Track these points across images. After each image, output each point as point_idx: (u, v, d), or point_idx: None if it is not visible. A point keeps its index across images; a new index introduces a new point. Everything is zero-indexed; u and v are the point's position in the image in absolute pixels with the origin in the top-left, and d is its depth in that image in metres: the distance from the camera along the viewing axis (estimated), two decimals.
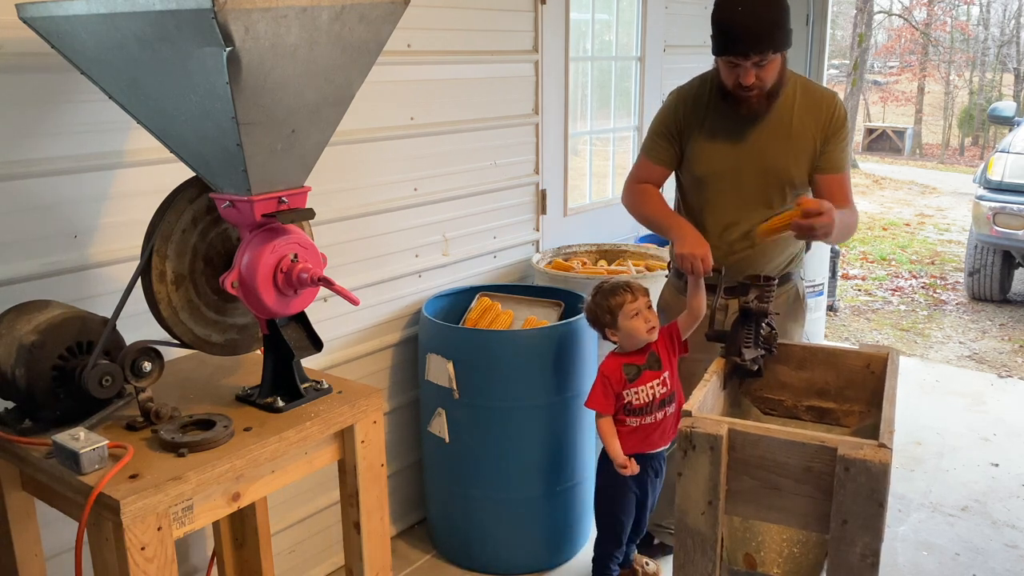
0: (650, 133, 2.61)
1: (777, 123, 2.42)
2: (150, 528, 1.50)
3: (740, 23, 2.21)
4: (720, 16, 2.27)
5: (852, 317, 6.49)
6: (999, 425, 4.20)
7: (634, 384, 2.47)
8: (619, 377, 2.47)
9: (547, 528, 2.91)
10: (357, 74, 1.73)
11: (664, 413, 2.52)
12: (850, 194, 2.50)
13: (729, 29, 2.24)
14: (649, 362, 2.49)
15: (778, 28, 2.23)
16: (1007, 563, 3.04)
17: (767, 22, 2.21)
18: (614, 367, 2.49)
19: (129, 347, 1.73)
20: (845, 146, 2.48)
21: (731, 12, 2.23)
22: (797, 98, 2.43)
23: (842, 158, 2.47)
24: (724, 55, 2.29)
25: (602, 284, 2.53)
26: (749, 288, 2.16)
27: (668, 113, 2.55)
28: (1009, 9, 20.99)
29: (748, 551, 2.10)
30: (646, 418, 2.50)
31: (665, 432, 2.55)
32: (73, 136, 2.02)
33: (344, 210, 2.74)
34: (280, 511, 2.67)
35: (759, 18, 2.21)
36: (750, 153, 2.44)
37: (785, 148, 2.43)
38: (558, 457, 2.86)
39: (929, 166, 16.80)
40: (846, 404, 2.24)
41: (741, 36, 2.22)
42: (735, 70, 2.28)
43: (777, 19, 2.23)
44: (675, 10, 4.34)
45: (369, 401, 1.89)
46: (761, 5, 2.22)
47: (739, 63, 2.26)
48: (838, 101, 2.47)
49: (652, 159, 2.60)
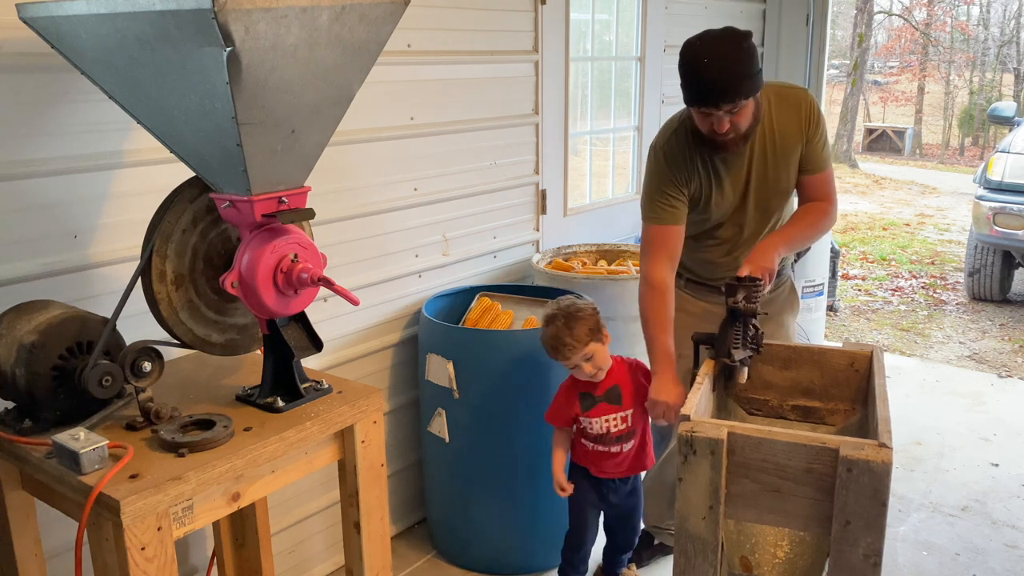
0: (649, 198, 2.44)
1: (763, 145, 2.40)
2: (150, 528, 1.50)
3: (708, 76, 2.16)
4: (687, 69, 2.22)
5: (852, 317, 6.49)
6: (999, 425, 4.20)
7: (587, 414, 2.47)
8: (574, 403, 2.49)
9: (547, 528, 2.90)
10: (357, 74, 1.73)
11: (620, 448, 2.50)
12: (833, 190, 2.49)
13: (698, 82, 2.20)
14: (608, 395, 2.47)
15: (747, 77, 2.18)
16: (1007, 563, 3.04)
17: (735, 73, 2.16)
18: (571, 391, 2.50)
19: (129, 347, 1.72)
20: (825, 141, 2.46)
21: (698, 65, 2.18)
22: (772, 111, 2.39)
23: (824, 156, 2.46)
24: (694, 105, 2.25)
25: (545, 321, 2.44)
26: (737, 288, 2.15)
27: (663, 172, 2.43)
28: (1009, 9, 20.99)
29: (743, 554, 2.10)
30: (599, 447, 2.50)
31: (619, 465, 2.53)
32: (73, 136, 2.02)
33: (344, 210, 2.74)
34: (280, 511, 2.67)
35: (727, 69, 2.15)
36: (749, 179, 2.43)
37: (776, 164, 2.42)
38: None
39: (929, 166, 16.80)
40: (831, 403, 2.24)
41: (711, 89, 2.17)
42: (708, 119, 2.25)
43: (745, 69, 2.17)
44: (675, 10, 4.34)
45: (369, 401, 1.89)
46: (729, 56, 2.16)
47: (711, 112, 2.23)
48: (809, 97, 2.44)
49: (666, 221, 2.42)
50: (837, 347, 2.27)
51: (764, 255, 2.27)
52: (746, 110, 2.24)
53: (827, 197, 2.46)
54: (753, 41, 2.21)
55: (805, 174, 2.44)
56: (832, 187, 2.48)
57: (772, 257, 2.27)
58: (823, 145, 2.45)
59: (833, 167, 2.54)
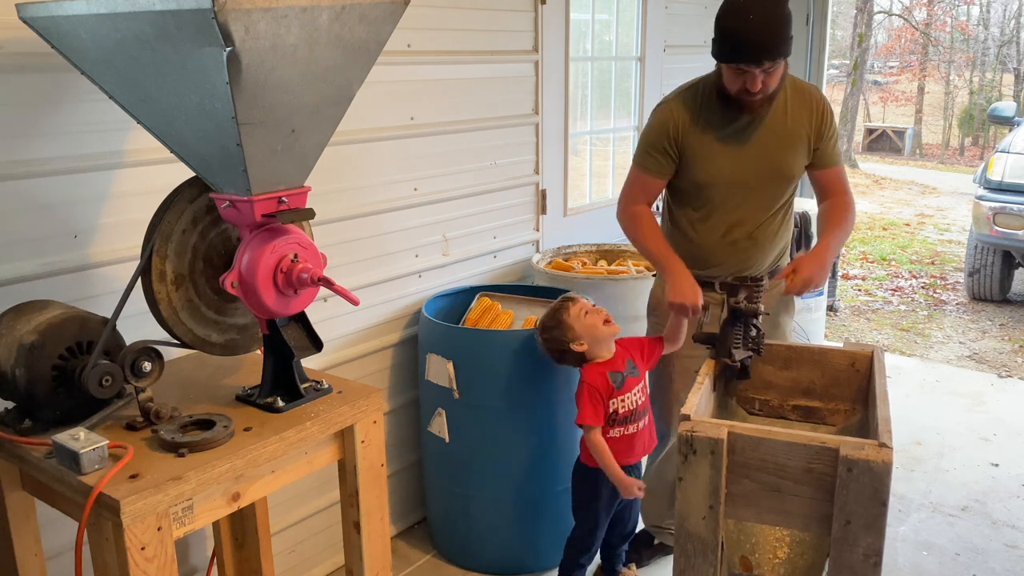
0: (643, 147, 2.56)
1: (774, 123, 2.44)
2: (150, 528, 1.50)
3: (752, 32, 2.21)
4: (729, 24, 2.25)
5: (852, 317, 6.49)
6: (999, 425, 4.20)
7: (621, 392, 2.44)
8: (607, 385, 2.42)
9: (547, 528, 2.90)
10: (357, 74, 1.73)
11: (644, 422, 2.51)
12: (848, 185, 2.59)
13: (740, 38, 2.23)
14: (629, 368, 2.48)
15: (787, 36, 2.25)
16: (1007, 563, 3.04)
17: (778, 31, 2.22)
18: (599, 376, 2.43)
19: (129, 347, 1.72)
20: (836, 139, 2.56)
21: (742, 21, 2.21)
22: (789, 96, 2.46)
23: (836, 152, 2.56)
24: (733, 62, 2.28)
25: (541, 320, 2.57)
26: (739, 288, 2.15)
27: (661, 125, 2.50)
28: (1009, 9, 20.99)
29: (743, 553, 2.10)
30: (629, 427, 2.46)
31: (644, 443, 2.52)
32: (73, 136, 2.02)
33: (344, 210, 2.74)
34: (280, 511, 2.67)
35: (770, 27, 2.21)
36: (754, 155, 2.45)
37: (785, 146, 2.46)
38: (558, 457, 2.85)
39: (929, 166, 16.80)
40: (832, 403, 2.24)
41: (753, 45, 2.22)
42: (742, 76, 2.28)
43: (786, 28, 2.24)
44: (675, 10, 4.34)
45: (369, 401, 1.89)
46: (772, 15, 2.22)
47: (748, 70, 2.26)
48: (822, 95, 2.55)
49: (651, 172, 2.55)
50: (837, 347, 2.27)
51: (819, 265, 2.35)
52: (778, 71, 2.31)
53: (843, 190, 2.57)
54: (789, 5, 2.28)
55: (820, 169, 2.54)
56: (847, 181, 2.60)
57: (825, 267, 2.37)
58: (835, 142, 2.55)
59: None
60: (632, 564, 2.85)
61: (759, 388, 2.29)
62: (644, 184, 2.59)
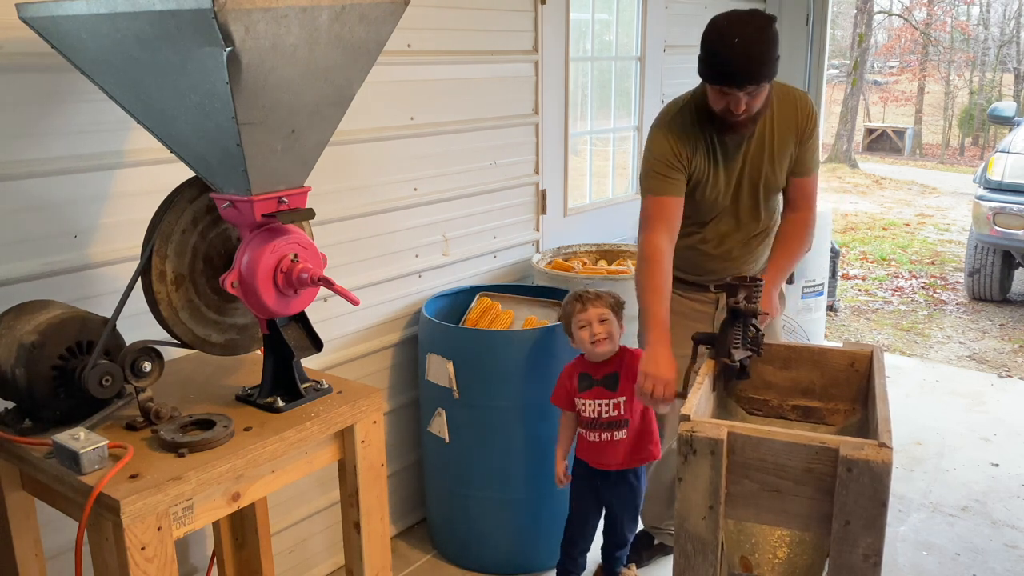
0: (650, 172, 2.44)
1: (761, 138, 2.44)
2: (150, 528, 1.50)
3: (737, 57, 2.18)
4: (713, 47, 2.23)
5: (852, 317, 6.49)
6: (999, 425, 4.20)
7: (581, 395, 2.53)
8: (572, 382, 2.55)
9: (547, 528, 2.90)
10: (357, 74, 1.73)
11: (611, 436, 2.52)
12: (815, 199, 2.57)
13: (724, 61, 2.21)
14: (605, 381, 2.52)
15: (771, 61, 2.21)
16: (1007, 563, 3.04)
17: (762, 57, 2.19)
18: (571, 370, 2.57)
19: (129, 347, 1.72)
20: (817, 146, 2.55)
21: (727, 45, 2.19)
22: (774, 108, 2.43)
23: (813, 160, 2.54)
24: (717, 84, 2.26)
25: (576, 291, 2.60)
26: (738, 288, 2.15)
27: (666, 147, 2.43)
28: (1009, 9, 20.99)
29: (743, 554, 2.10)
30: (602, 435, 2.53)
31: (616, 455, 2.54)
32: (73, 136, 2.02)
33: (344, 210, 2.74)
34: (280, 511, 2.67)
35: (755, 52, 2.18)
36: (743, 171, 2.46)
37: (771, 160, 2.46)
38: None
39: (929, 166, 16.80)
40: (831, 403, 2.24)
41: (737, 70, 2.19)
42: (726, 97, 2.27)
43: (771, 51, 2.21)
44: (675, 10, 4.34)
45: (369, 401, 1.89)
46: (757, 40, 2.19)
47: (731, 92, 2.25)
48: (809, 101, 2.50)
49: (666, 192, 2.41)
50: (837, 347, 2.27)
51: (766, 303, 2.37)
52: (762, 93, 2.29)
53: (809, 205, 2.55)
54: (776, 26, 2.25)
55: (794, 176, 2.52)
56: (815, 192, 2.57)
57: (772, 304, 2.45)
58: (814, 150, 2.53)
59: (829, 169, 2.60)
60: (632, 564, 2.86)
61: (759, 388, 2.29)
62: (661, 208, 2.42)
